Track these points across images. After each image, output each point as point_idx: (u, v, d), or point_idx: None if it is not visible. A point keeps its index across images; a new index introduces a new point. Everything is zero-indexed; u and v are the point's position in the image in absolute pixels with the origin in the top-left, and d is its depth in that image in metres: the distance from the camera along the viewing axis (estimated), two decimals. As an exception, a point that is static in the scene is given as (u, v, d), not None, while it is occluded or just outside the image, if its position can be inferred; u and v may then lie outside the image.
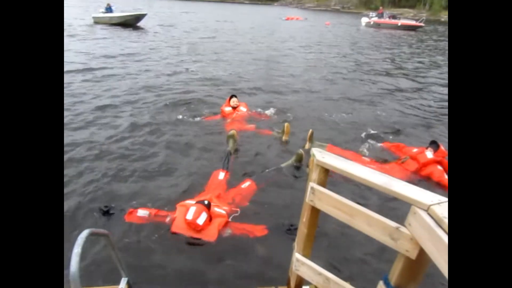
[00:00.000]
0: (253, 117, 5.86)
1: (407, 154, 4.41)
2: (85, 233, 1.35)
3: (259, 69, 10.52)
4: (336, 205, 1.44)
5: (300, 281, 1.81)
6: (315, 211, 1.59)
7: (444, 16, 53.81)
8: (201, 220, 2.70)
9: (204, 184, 3.67)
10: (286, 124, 4.98)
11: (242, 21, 31.81)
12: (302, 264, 1.67)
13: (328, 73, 10.71)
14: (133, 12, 21.05)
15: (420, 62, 14.25)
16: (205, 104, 6.64)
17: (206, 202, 2.88)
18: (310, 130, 4.76)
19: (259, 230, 2.87)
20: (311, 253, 1.79)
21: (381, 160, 4.54)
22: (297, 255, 1.69)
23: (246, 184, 3.65)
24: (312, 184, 1.52)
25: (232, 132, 4.60)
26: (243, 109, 5.83)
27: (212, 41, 16.71)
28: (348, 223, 1.41)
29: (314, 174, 1.54)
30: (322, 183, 1.52)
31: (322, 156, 1.51)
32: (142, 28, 19.64)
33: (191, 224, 2.70)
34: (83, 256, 1.28)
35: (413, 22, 31.59)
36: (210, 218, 2.83)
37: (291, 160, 4.20)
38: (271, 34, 21.96)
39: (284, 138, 4.94)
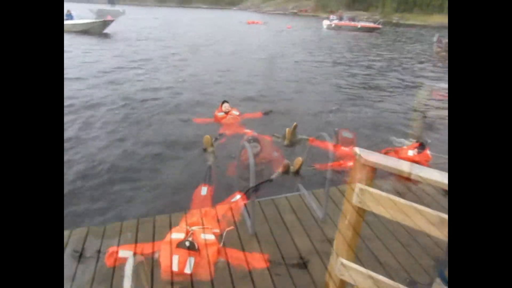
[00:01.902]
0: (246, 121, 5.87)
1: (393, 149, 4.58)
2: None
3: (239, 74, 10.53)
4: (389, 205, 1.40)
5: (342, 286, 1.75)
6: (361, 212, 1.54)
7: (395, 18, 57.09)
8: (188, 269, 2.42)
9: (188, 201, 3.41)
10: (287, 129, 5.12)
11: (205, 26, 31.56)
12: (348, 269, 1.61)
13: (306, 75, 11.04)
14: (99, 19, 19.60)
15: (383, 59, 14.94)
16: (192, 109, 6.62)
17: (187, 244, 2.52)
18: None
19: (258, 261, 2.53)
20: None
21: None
22: (341, 260, 1.62)
23: (236, 197, 3.34)
24: (359, 185, 1.47)
25: (210, 149, 4.59)
26: (235, 113, 5.88)
27: (190, 48, 16.34)
28: (405, 223, 1.37)
29: (360, 175, 1.49)
30: (370, 183, 1.48)
31: (367, 154, 1.47)
32: (110, 36, 18.44)
33: (180, 276, 2.42)
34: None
35: (371, 24, 33.28)
36: (199, 253, 2.52)
37: (278, 172, 4.17)
38: (241, 39, 21.97)
39: (286, 143, 5.10)
